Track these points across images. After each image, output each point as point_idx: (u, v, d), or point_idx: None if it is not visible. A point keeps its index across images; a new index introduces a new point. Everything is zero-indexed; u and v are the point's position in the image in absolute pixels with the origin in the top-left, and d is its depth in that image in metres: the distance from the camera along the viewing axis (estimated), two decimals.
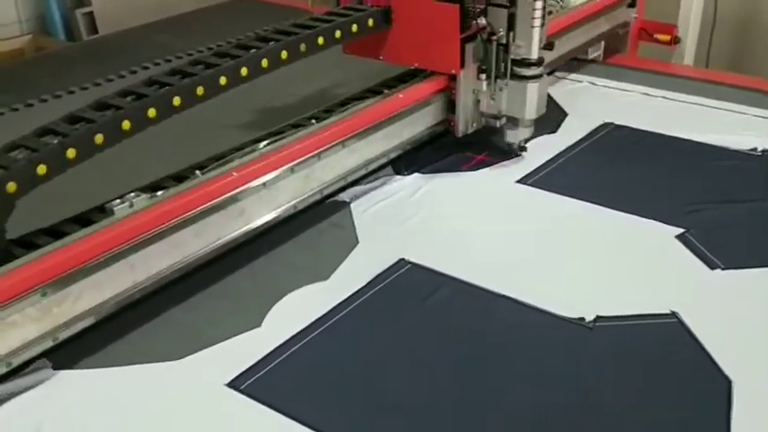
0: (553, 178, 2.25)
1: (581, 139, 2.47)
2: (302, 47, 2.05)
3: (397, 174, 2.31)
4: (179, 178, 1.84)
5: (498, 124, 2.35)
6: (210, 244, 1.84)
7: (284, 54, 2.00)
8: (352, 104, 2.22)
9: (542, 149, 2.41)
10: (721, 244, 1.92)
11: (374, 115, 2.19)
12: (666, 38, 3.25)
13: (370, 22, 2.26)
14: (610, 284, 1.81)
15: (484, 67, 2.27)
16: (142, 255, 1.69)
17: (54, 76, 3.13)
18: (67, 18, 4.79)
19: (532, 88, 2.25)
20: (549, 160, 2.35)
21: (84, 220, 1.69)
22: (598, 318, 1.68)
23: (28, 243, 1.59)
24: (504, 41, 2.23)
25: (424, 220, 2.07)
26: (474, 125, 2.38)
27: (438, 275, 1.84)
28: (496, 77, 2.28)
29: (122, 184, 1.77)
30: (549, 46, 2.25)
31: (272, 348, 1.61)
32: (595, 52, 3.15)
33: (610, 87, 2.86)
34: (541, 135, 2.48)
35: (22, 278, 1.49)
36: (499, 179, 2.27)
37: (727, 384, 1.50)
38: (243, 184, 1.87)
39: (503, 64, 2.26)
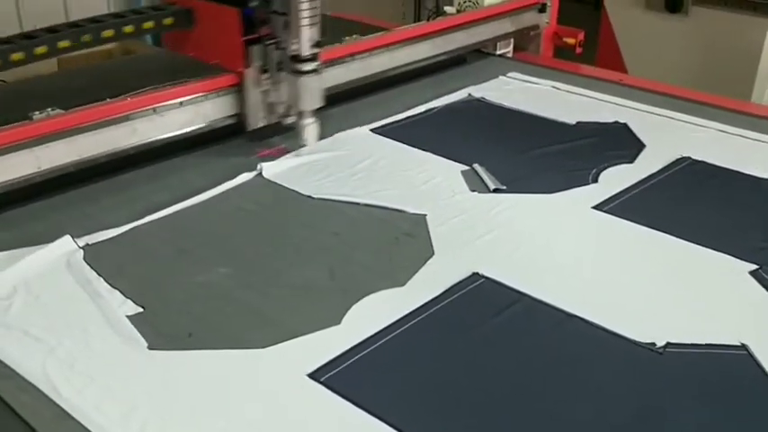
0: (629, 207, 2.29)
1: (658, 171, 2.50)
2: (86, 38, 2.42)
3: (473, 191, 2.38)
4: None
5: (289, 121, 2.63)
6: (105, 150, 2.34)
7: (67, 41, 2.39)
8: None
9: (619, 178, 2.45)
10: None
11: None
12: (572, 41, 3.65)
13: (169, 20, 2.60)
14: (681, 313, 1.85)
15: (266, 68, 2.56)
16: (47, 148, 2.21)
17: (140, 78, 3.25)
18: None
19: (306, 82, 2.53)
20: (625, 189, 2.39)
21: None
22: (668, 344, 1.72)
23: None
24: (284, 45, 2.51)
25: (500, 238, 2.14)
26: (264, 120, 2.63)
27: (511, 291, 1.90)
28: (277, 73, 2.57)
29: None
30: (318, 44, 2.51)
31: (350, 345, 1.70)
32: (504, 48, 3.63)
33: (688, 123, 2.88)
34: (619, 164, 2.53)
35: None
36: (576, 204, 2.31)
37: None
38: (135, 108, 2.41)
39: (282, 63, 2.54)
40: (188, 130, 2.53)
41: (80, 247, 2.03)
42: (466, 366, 1.68)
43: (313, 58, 2.52)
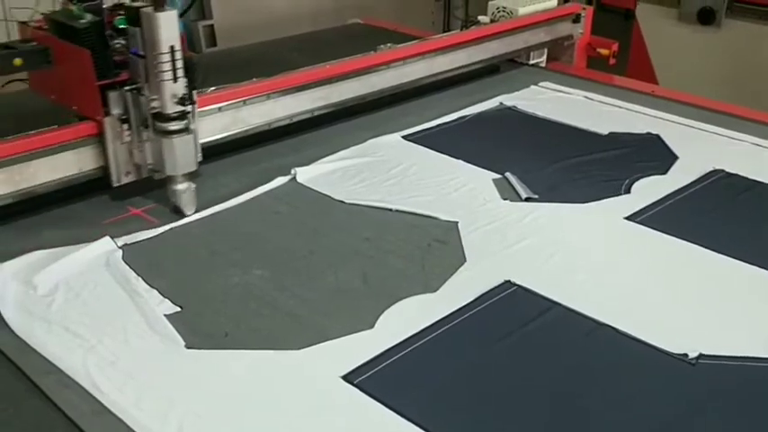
0: (661, 218, 2.29)
1: (690, 183, 2.50)
2: None
3: (505, 199, 2.39)
4: None
5: (160, 177, 2.26)
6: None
7: None
8: None
9: (652, 189, 2.45)
10: None
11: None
12: (607, 51, 3.66)
13: (18, 61, 2.22)
14: (714, 325, 1.85)
15: (125, 117, 2.20)
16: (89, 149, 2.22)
17: None
18: (189, 29, 5.02)
19: (169, 143, 2.18)
20: (658, 200, 2.39)
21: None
22: (701, 356, 1.72)
23: None
24: (144, 93, 2.17)
25: (532, 246, 2.14)
26: (129, 175, 2.28)
27: (543, 299, 1.91)
28: (140, 128, 2.21)
29: None
30: (182, 101, 2.16)
31: (383, 349, 1.72)
32: (538, 58, 3.64)
33: (721, 135, 2.87)
34: (651, 175, 2.54)
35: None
36: (608, 215, 2.32)
37: None
38: None
39: (145, 116, 2.19)
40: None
41: (119, 247, 2.07)
42: (497, 373, 1.69)
43: (180, 116, 2.18)
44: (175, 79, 2.13)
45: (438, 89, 3.24)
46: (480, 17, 3.55)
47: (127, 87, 2.17)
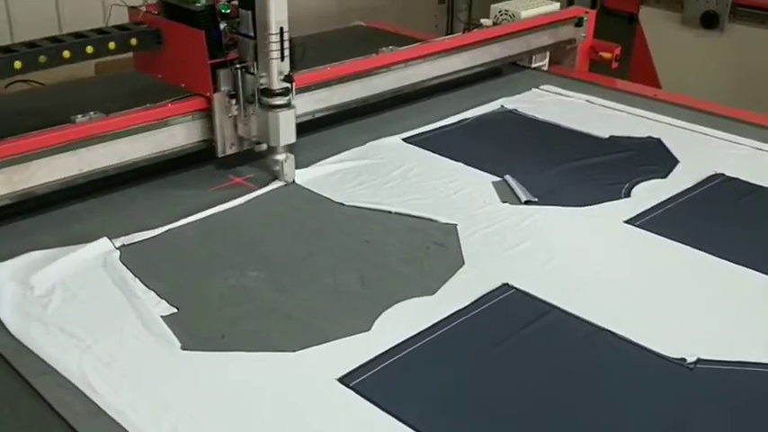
0: (661, 222, 2.28)
1: (691, 187, 2.49)
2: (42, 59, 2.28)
3: (504, 202, 2.39)
4: None
5: (262, 148, 2.51)
6: (144, 154, 2.38)
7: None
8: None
9: (652, 193, 2.45)
10: None
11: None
12: (609, 55, 3.64)
13: (134, 41, 2.45)
14: (712, 329, 1.84)
15: (234, 93, 2.42)
16: (89, 150, 2.25)
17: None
18: None
19: (274, 117, 2.39)
20: (658, 204, 2.38)
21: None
22: (699, 360, 1.71)
23: None
24: (252, 71, 2.39)
25: (530, 249, 2.14)
26: (233, 147, 2.51)
27: (541, 303, 1.90)
28: (246, 104, 2.43)
29: None
30: (287, 79, 2.37)
31: (380, 351, 1.71)
32: (540, 62, 3.62)
33: (722, 139, 2.86)
34: (652, 179, 2.53)
35: None
36: (608, 218, 2.31)
37: None
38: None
39: (251, 92, 2.41)
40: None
41: (116, 248, 2.07)
42: (494, 376, 1.69)
43: (284, 92, 2.39)
44: (282, 58, 2.33)
45: (439, 92, 3.23)
46: (483, 20, 3.54)
47: (237, 65, 2.37)
